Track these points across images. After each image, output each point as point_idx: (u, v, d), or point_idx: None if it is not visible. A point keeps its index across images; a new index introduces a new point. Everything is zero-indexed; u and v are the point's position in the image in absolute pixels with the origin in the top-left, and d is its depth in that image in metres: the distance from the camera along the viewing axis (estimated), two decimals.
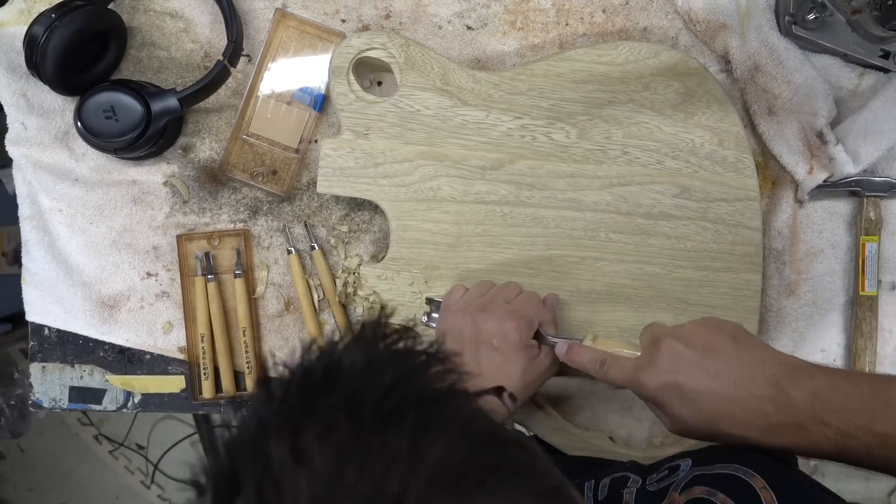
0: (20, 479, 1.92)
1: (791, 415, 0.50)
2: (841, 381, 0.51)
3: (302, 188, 0.80)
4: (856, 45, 0.73)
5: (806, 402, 0.49)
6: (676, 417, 0.54)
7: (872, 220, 0.77)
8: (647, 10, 0.78)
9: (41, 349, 0.83)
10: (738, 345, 0.54)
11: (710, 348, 0.54)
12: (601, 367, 0.59)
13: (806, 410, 0.49)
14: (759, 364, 0.52)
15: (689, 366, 0.53)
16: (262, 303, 0.81)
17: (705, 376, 0.52)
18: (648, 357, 0.56)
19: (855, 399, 0.49)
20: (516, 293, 0.67)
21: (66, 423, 1.90)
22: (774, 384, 0.51)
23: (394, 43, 0.72)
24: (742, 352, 0.53)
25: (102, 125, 0.73)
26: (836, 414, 0.49)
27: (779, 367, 0.52)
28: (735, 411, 0.51)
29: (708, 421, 0.52)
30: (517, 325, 0.63)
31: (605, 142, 0.74)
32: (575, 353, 0.62)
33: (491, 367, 0.64)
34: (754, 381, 0.51)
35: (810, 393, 0.50)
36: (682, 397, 0.53)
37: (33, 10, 0.78)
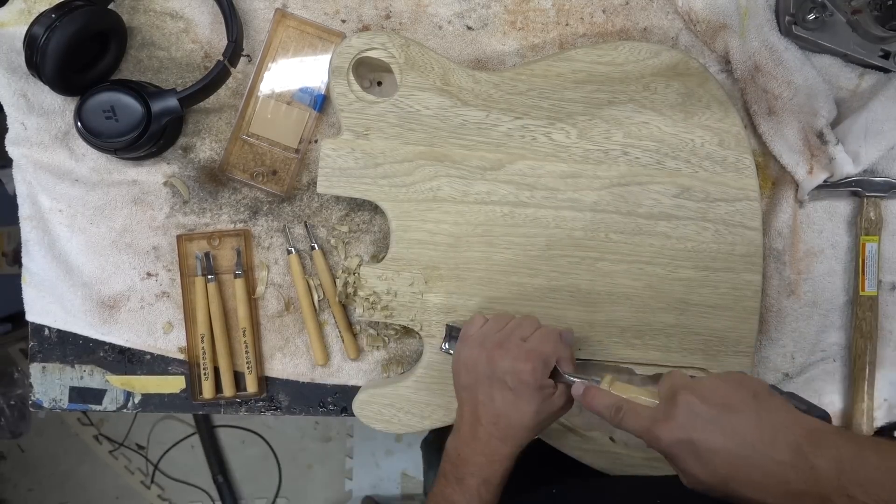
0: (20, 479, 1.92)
1: (814, 484, 0.47)
2: (868, 452, 0.48)
3: (302, 188, 0.80)
4: (856, 45, 0.73)
5: (831, 472, 0.47)
6: (690, 475, 0.52)
7: (872, 220, 0.77)
8: (647, 11, 0.78)
9: (41, 349, 0.83)
10: (760, 404, 0.51)
11: (729, 405, 0.51)
12: (616, 413, 0.57)
13: (830, 481, 0.47)
14: (782, 427, 0.50)
15: (706, 423, 0.51)
16: (262, 303, 0.81)
17: (722, 435, 0.50)
18: (665, 410, 0.54)
19: (883, 472, 0.47)
20: (534, 329, 0.67)
21: (66, 423, 1.90)
22: (796, 450, 0.48)
23: (394, 43, 0.72)
24: (763, 412, 0.51)
25: (102, 125, 0.73)
26: (861, 487, 0.46)
27: (802, 433, 0.49)
28: (752, 475, 0.49)
29: (723, 481, 0.50)
30: (533, 366, 0.63)
31: (606, 142, 0.74)
32: (591, 396, 0.61)
33: (504, 404, 0.64)
34: (775, 445, 0.49)
35: (835, 463, 0.47)
36: (696, 455, 0.51)
37: (33, 10, 0.78)
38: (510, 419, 0.64)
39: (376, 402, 0.76)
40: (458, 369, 0.68)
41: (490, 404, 0.64)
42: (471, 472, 0.64)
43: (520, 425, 0.64)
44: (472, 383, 0.66)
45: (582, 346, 0.75)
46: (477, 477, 0.63)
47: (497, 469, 0.64)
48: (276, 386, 0.83)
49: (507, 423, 0.63)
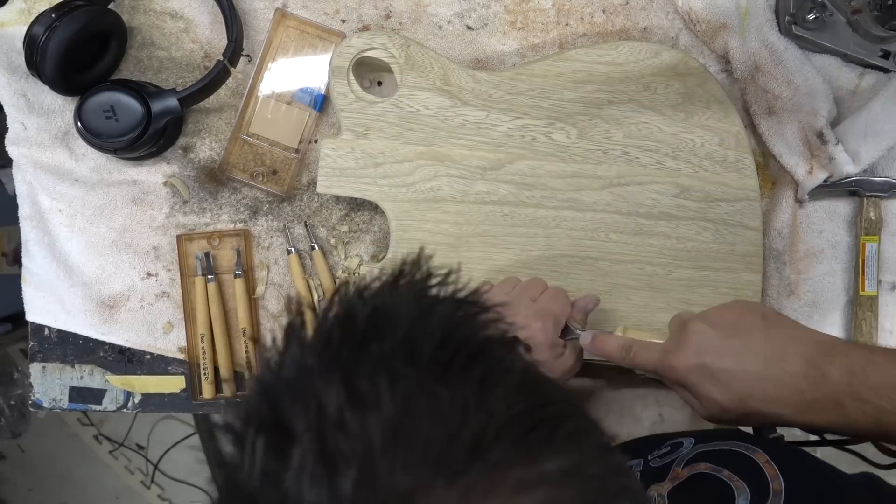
0: (20, 479, 1.92)
1: (827, 391, 0.48)
2: (879, 358, 0.49)
3: (302, 188, 0.80)
4: (856, 45, 0.73)
5: (842, 378, 0.48)
6: (707, 399, 0.52)
7: (872, 220, 0.77)
8: (647, 10, 0.78)
9: (41, 349, 0.83)
10: (769, 323, 0.53)
11: (737, 328, 0.53)
12: (627, 353, 0.58)
13: (842, 387, 0.48)
14: (792, 341, 0.51)
15: (717, 345, 0.52)
16: (262, 303, 0.81)
17: (734, 355, 0.51)
18: (676, 340, 0.55)
19: (893, 375, 0.48)
20: (542, 290, 0.66)
21: (66, 423, 1.90)
22: (808, 361, 0.49)
23: (394, 43, 0.72)
24: (772, 329, 0.52)
25: (102, 125, 0.73)
26: (874, 391, 0.47)
27: (813, 345, 0.51)
28: (767, 388, 0.50)
29: (740, 399, 0.51)
30: (543, 324, 0.62)
31: (606, 142, 0.74)
32: (601, 341, 0.61)
33: None
34: (786, 359, 0.50)
35: (847, 369, 0.48)
36: (711, 377, 0.52)
37: (33, 10, 0.78)
38: None
39: None
40: None
41: None
42: None
43: None
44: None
45: None
46: None
47: None
48: None
49: None
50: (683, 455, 0.54)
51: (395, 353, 0.28)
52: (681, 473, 0.52)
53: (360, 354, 0.28)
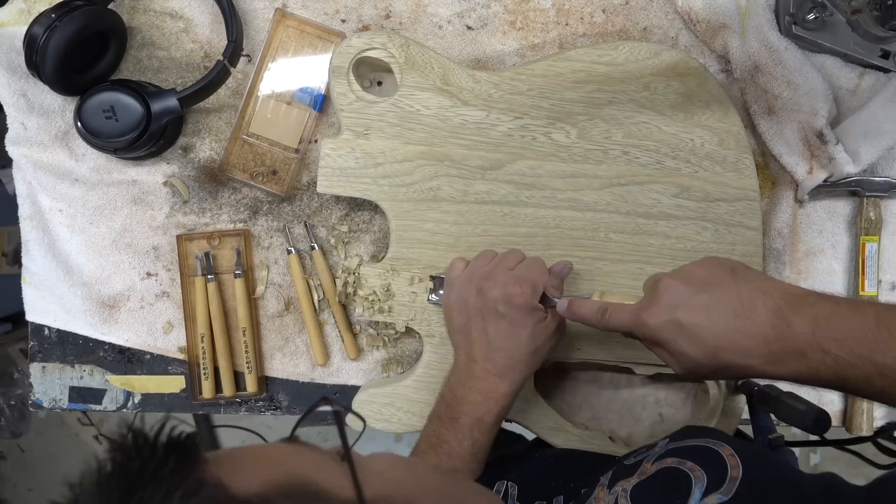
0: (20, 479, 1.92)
1: (792, 341, 0.49)
2: (844, 310, 0.49)
3: (302, 188, 0.80)
4: (856, 45, 0.73)
5: (806, 328, 0.48)
6: (681, 354, 0.53)
7: (872, 220, 0.77)
8: (647, 10, 0.78)
9: (41, 349, 0.83)
10: (738, 277, 0.53)
11: (707, 282, 0.53)
12: (602, 315, 0.58)
13: (806, 337, 0.48)
14: (760, 293, 0.51)
15: (688, 300, 0.52)
16: (262, 303, 0.81)
17: (704, 309, 0.52)
18: (648, 298, 0.55)
19: (857, 328, 0.48)
20: (519, 260, 0.67)
21: (66, 423, 1.90)
22: (776, 312, 0.50)
23: (394, 43, 0.72)
24: (741, 283, 0.52)
25: (102, 125, 0.73)
26: (836, 342, 0.48)
27: (781, 296, 0.51)
28: (737, 339, 0.50)
29: (711, 352, 0.51)
30: (521, 289, 0.63)
31: (605, 142, 0.74)
32: (576, 306, 0.61)
33: (499, 335, 0.64)
34: (755, 310, 0.50)
35: (811, 320, 0.49)
36: (683, 332, 0.52)
37: (33, 10, 0.78)
38: (506, 351, 0.64)
39: (376, 401, 0.76)
40: (450, 313, 0.68)
41: (484, 339, 0.64)
42: (465, 412, 0.64)
43: (516, 356, 0.64)
44: (464, 322, 0.66)
45: (581, 344, 0.75)
46: (471, 416, 0.64)
47: (492, 407, 0.64)
48: (276, 386, 0.83)
49: (504, 356, 0.64)
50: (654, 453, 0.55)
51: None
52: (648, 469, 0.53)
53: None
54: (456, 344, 0.68)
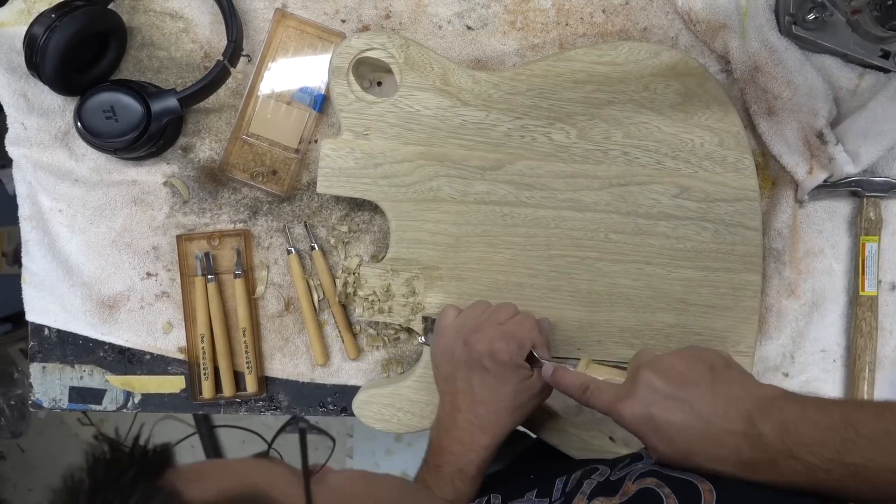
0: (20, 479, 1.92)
1: (762, 451, 0.48)
2: (811, 412, 0.48)
3: (302, 188, 0.80)
4: (856, 45, 0.73)
5: (776, 437, 0.48)
6: (654, 449, 0.53)
7: (872, 220, 0.77)
8: (647, 11, 0.78)
9: (41, 349, 0.83)
10: (715, 377, 0.52)
11: (686, 380, 0.52)
12: (584, 392, 0.58)
13: (776, 445, 0.48)
14: (734, 399, 0.51)
15: (664, 398, 0.52)
16: (262, 303, 0.81)
17: (679, 410, 0.51)
18: (628, 388, 0.55)
19: (824, 430, 0.47)
20: (510, 314, 0.67)
21: (66, 423, 1.90)
22: (747, 419, 0.49)
23: (394, 43, 0.72)
24: (717, 385, 0.52)
25: (102, 125, 0.73)
26: (805, 447, 0.47)
27: (752, 401, 0.50)
28: (709, 447, 0.50)
29: (683, 455, 0.51)
30: (507, 345, 0.64)
31: (605, 142, 0.74)
32: (560, 376, 0.61)
33: (483, 389, 0.64)
34: (727, 417, 0.50)
35: (780, 427, 0.48)
36: (656, 430, 0.52)
37: (33, 10, 0.78)
38: (489, 404, 0.64)
39: (376, 402, 0.76)
40: (437, 360, 0.68)
41: (469, 391, 0.65)
42: (447, 461, 0.64)
43: (498, 410, 0.64)
44: (450, 372, 0.66)
45: (581, 346, 0.75)
46: (452, 466, 0.64)
47: (473, 459, 0.64)
48: (276, 386, 0.83)
49: (487, 409, 0.64)
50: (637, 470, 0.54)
51: None
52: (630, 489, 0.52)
53: None
54: (441, 391, 0.68)
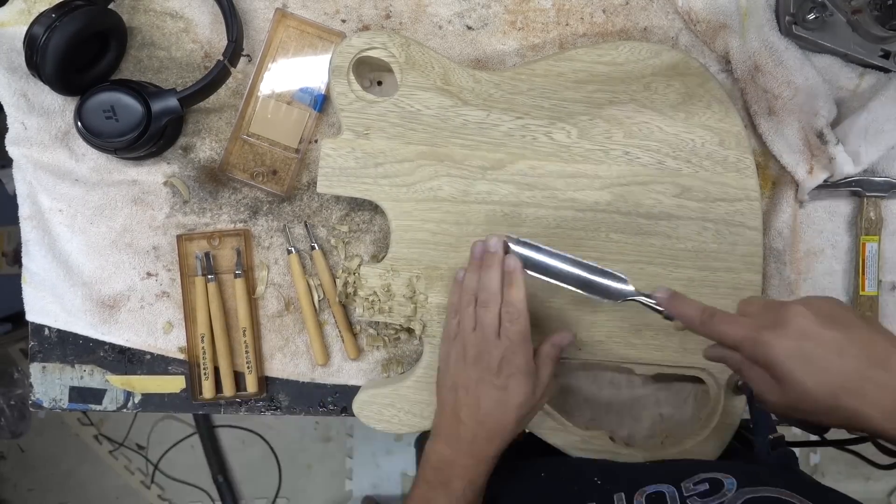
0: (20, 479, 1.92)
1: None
2: None
3: (302, 188, 0.80)
4: (856, 45, 0.73)
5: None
6: (795, 385, 0.50)
7: (873, 220, 0.77)
8: (648, 10, 0.78)
9: (41, 349, 0.83)
10: (868, 323, 0.51)
11: (837, 320, 0.50)
12: (710, 317, 0.56)
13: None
14: (893, 345, 0.49)
15: (820, 332, 0.50)
16: (262, 303, 0.81)
17: (836, 345, 0.49)
18: (773, 318, 0.52)
19: None
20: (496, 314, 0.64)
21: (66, 423, 1.90)
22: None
23: (394, 43, 0.72)
24: (874, 331, 0.50)
25: (102, 125, 0.73)
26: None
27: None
28: (866, 387, 0.48)
29: (834, 393, 0.49)
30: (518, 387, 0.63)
31: (606, 142, 0.74)
32: (679, 302, 0.59)
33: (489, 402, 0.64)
34: (888, 363, 0.48)
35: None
36: (810, 362, 0.49)
37: (33, 10, 0.78)
38: (495, 417, 0.64)
39: (376, 402, 0.76)
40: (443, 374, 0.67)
41: (475, 405, 0.64)
42: (457, 475, 0.63)
43: (505, 422, 0.64)
44: (453, 384, 0.65)
45: (582, 346, 0.75)
46: (463, 479, 0.63)
47: (482, 470, 0.64)
48: (276, 386, 0.83)
49: (494, 422, 0.64)
50: (728, 501, 0.52)
51: None
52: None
53: None
54: (442, 401, 0.67)
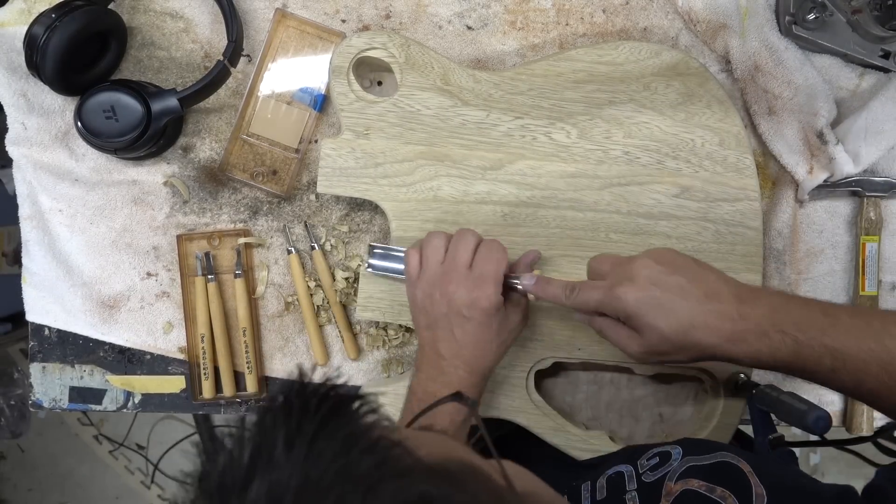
0: (20, 479, 1.92)
1: (754, 323, 0.54)
2: (795, 301, 0.56)
3: (302, 188, 0.80)
4: (856, 45, 0.73)
5: (766, 312, 0.54)
6: (652, 329, 0.56)
7: (872, 220, 0.77)
8: (648, 10, 0.78)
9: (41, 349, 0.83)
10: (701, 266, 0.58)
11: (677, 266, 0.57)
12: (571, 292, 0.61)
13: (767, 319, 0.54)
14: (723, 282, 0.57)
15: (665, 279, 0.56)
16: (262, 303, 0.81)
17: (679, 289, 0.56)
18: (623, 274, 0.58)
19: (807, 314, 0.54)
20: (473, 249, 0.66)
21: (66, 423, 1.90)
22: (738, 298, 0.55)
23: (394, 43, 0.72)
24: (706, 271, 0.58)
25: (102, 125, 0.73)
26: (793, 324, 0.53)
27: (738, 286, 0.57)
28: (708, 318, 0.55)
29: (683, 330, 0.55)
30: (485, 292, 0.64)
31: (606, 142, 0.74)
32: (543, 286, 0.64)
33: (465, 335, 0.65)
34: (720, 295, 0.55)
35: (769, 307, 0.55)
36: (660, 307, 0.55)
37: (33, 10, 0.78)
38: (473, 348, 0.65)
39: None
40: (415, 312, 0.69)
41: (451, 339, 0.65)
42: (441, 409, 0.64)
43: (483, 352, 0.66)
44: (430, 322, 0.67)
45: (582, 345, 0.75)
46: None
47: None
48: (277, 386, 0.83)
49: (471, 353, 0.65)
50: (674, 469, 0.56)
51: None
52: (673, 489, 0.54)
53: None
54: (422, 339, 0.68)
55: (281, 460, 0.30)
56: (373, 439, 0.31)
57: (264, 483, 0.30)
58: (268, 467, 0.30)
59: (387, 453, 0.31)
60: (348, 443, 0.31)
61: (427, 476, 0.32)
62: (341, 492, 0.29)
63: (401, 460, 0.31)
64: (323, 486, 0.29)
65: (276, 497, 0.29)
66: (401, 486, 0.30)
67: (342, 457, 0.30)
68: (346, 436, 0.31)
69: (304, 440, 0.31)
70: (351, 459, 0.30)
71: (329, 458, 0.30)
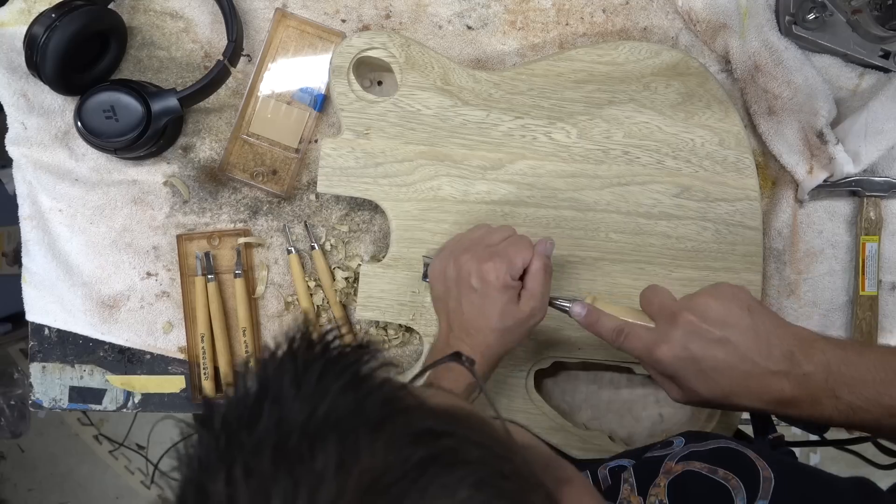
0: (20, 479, 1.92)
1: (806, 389, 0.51)
2: (851, 355, 0.51)
3: (302, 188, 0.80)
4: (856, 44, 0.73)
5: (820, 376, 0.50)
6: (690, 391, 0.54)
7: (872, 219, 0.77)
8: (648, 10, 0.78)
9: (41, 349, 0.83)
10: (754, 318, 0.54)
11: (726, 322, 0.53)
12: (619, 336, 0.58)
13: (820, 384, 0.50)
14: (775, 338, 0.53)
15: (707, 341, 0.53)
16: (262, 303, 0.81)
17: (723, 351, 0.53)
18: (665, 331, 0.55)
19: (864, 372, 0.50)
20: (505, 236, 0.66)
21: (66, 423, 1.90)
22: (790, 359, 0.51)
23: (394, 42, 0.72)
24: (759, 326, 0.53)
25: (102, 125, 0.73)
26: (847, 388, 0.50)
27: (793, 342, 0.52)
28: (751, 385, 0.52)
29: (724, 394, 0.53)
30: (494, 265, 0.62)
31: (606, 141, 0.74)
32: (595, 317, 0.61)
33: (470, 308, 0.64)
34: (771, 357, 0.52)
35: (823, 367, 0.51)
36: (699, 372, 0.53)
37: (33, 10, 0.78)
38: (476, 323, 0.63)
39: None
40: (433, 281, 0.68)
41: (459, 310, 0.64)
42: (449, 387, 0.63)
43: (486, 331, 0.63)
44: (443, 292, 0.66)
45: (582, 344, 0.75)
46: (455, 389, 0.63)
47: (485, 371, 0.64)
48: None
49: (475, 329, 0.63)
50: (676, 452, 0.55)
51: (268, 436, 0.30)
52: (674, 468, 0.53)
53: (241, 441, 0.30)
54: (437, 311, 0.68)
55: (289, 397, 0.30)
56: (379, 380, 0.32)
57: (272, 418, 0.30)
58: (276, 404, 0.30)
59: (393, 393, 0.32)
60: (355, 382, 0.31)
61: (434, 415, 0.32)
62: (349, 427, 0.29)
63: (407, 399, 0.32)
64: (331, 420, 0.30)
65: (286, 432, 0.29)
66: (408, 421, 0.31)
67: (349, 393, 0.31)
68: (352, 375, 0.32)
69: (312, 378, 0.31)
70: (359, 396, 0.31)
71: (336, 395, 0.30)
